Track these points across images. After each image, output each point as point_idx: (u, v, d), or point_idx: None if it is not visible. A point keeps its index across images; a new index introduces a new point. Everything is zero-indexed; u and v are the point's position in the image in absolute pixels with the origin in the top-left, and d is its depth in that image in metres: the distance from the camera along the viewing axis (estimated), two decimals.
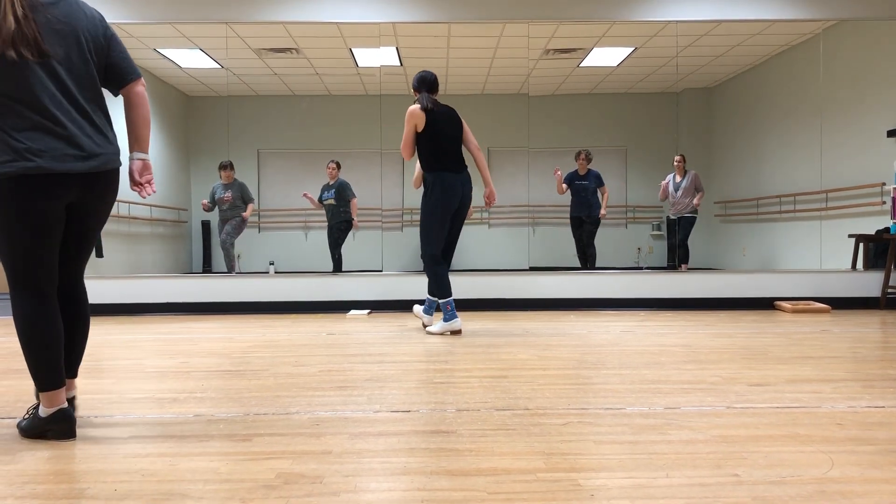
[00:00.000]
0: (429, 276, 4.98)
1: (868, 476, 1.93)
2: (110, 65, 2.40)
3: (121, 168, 2.42)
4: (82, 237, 2.41)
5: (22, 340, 2.30)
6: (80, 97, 2.28)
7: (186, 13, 6.86)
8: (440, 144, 4.88)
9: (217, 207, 8.34)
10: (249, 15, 6.86)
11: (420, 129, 4.88)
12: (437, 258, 4.93)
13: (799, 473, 1.95)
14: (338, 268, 8.43)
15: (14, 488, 1.89)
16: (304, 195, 8.68)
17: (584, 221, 8.40)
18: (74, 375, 2.48)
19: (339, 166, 8.55)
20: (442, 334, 4.89)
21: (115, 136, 2.40)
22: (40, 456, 2.18)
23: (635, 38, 8.25)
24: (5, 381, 3.43)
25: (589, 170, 8.39)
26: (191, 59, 8.72)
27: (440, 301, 4.92)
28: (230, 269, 8.31)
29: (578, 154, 8.42)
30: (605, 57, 8.95)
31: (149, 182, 2.48)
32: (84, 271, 2.50)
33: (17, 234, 2.22)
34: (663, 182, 8.42)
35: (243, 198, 8.32)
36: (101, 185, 2.33)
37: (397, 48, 8.35)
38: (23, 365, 3.80)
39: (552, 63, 9.02)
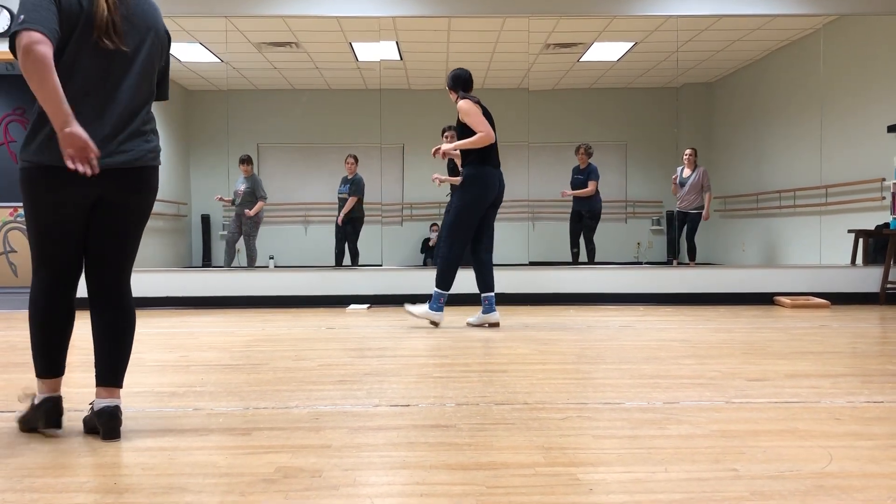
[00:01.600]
0: (444, 261, 4.94)
1: (866, 471, 1.94)
2: (160, 73, 2.39)
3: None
4: (117, 235, 2.33)
5: (30, 323, 2.29)
6: (135, 93, 2.25)
7: (186, 7, 6.84)
8: None
9: (234, 201, 8.47)
10: (249, 9, 6.84)
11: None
12: (459, 248, 4.93)
13: (797, 468, 1.95)
14: (354, 260, 8.45)
15: (13, 482, 1.90)
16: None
17: (584, 216, 8.39)
18: (118, 384, 2.31)
19: (357, 160, 8.58)
20: (418, 317, 4.97)
21: (156, 132, 2.36)
22: (39, 449, 2.18)
23: (635, 33, 8.24)
24: (5, 374, 3.43)
25: (589, 164, 8.38)
26: (190, 54, 8.70)
27: (435, 290, 4.94)
28: (251, 264, 8.40)
29: (578, 148, 8.42)
30: (606, 52, 8.94)
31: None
32: (128, 278, 2.40)
33: (41, 219, 2.23)
34: (673, 176, 8.38)
35: (255, 193, 8.39)
36: (131, 180, 2.27)
37: (397, 42, 8.34)
38: (23, 359, 3.80)
39: (552, 58, 9.01)
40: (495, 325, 5.02)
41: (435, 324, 4.98)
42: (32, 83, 2.02)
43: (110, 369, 2.31)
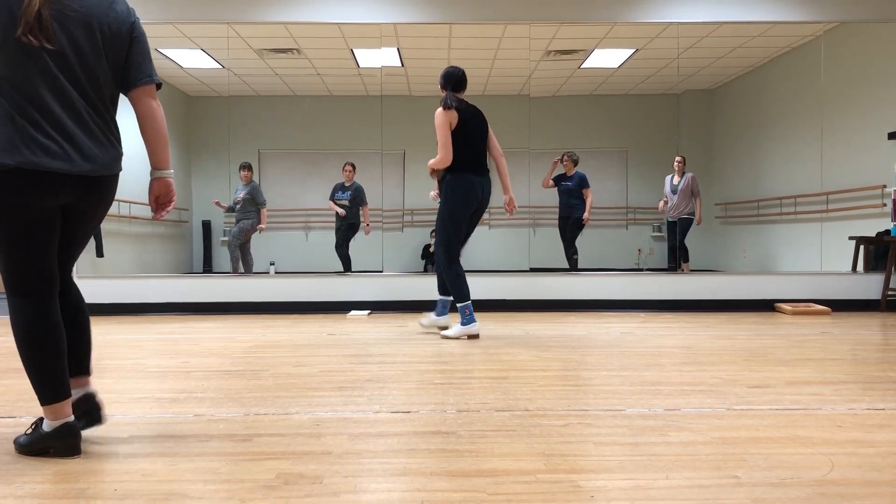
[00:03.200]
0: (447, 279, 4.82)
1: (868, 478, 1.93)
2: (126, 62, 2.23)
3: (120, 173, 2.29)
4: (73, 240, 2.26)
5: (21, 350, 2.13)
6: (84, 93, 2.12)
7: (188, 13, 6.86)
8: (467, 145, 4.74)
9: (233, 207, 8.49)
10: (251, 15, 6.86)
11: (453, 127, 4.70)
12: (456, 260, 4.83)
13: (799, 475, 1.95)
14: (346, 265, 8.49)
15: (14, 487, 1.89)
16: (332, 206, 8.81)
17: (569, 222, 8.44)
18: (88, 372, 2.32)
19: (354, 168, 8.63)
20: (458, 338, 4.75)
21: (118, 138, 2.24)
22: (39, 456, 2.17)
23: (636, 40, 8.25)
24: (5, 380, 3.43)
25: (575, 171, 8.43)
26: (192, 60, 8.72)
27: (458, 304, 4.78)
28: (234, 270, 8.40)
29: (563, 156, 8.47)
30: (606, 58, 8.95)
31: (168, 203, 2.34)
32: (72, 270, 2.35)
33: (10, 234, 2.07)
34: (663, 200, 8.50)
35: (255, 200, 8.42)
36: (96, 190, 2.17)
37: (398, 49, 8.35)
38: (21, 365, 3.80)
39: (553, 64, 9.02)
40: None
41: (475, 336, 4.79)
42: None
43: (81, 359, 2.30)
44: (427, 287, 6.78)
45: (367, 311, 6.54)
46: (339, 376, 3.44)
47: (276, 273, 9.09)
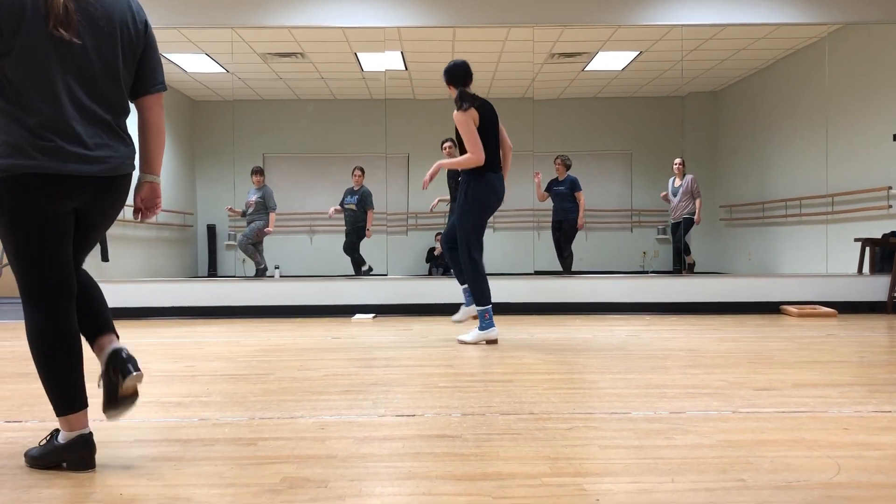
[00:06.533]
0: (469, 282, 4.71)
1: (875, 481, 1.92)
2: (141, 66, 2.17)
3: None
4: (84, 241, 2.19)
5: (36, 360, 2.05)
6: (102, 91, 2.06)
7: (192, 18, 6.88)
8: (485, 144, 4.60)
9: (244, 211, 8.59)
10: (255, 20, 6.88)
11: (476, 126, 4.59)
12: (479, 263, 4.69)
13: (805, 478, 1.94)
14: (358, 269, 8.55)
15: (19, 492, 1.90)
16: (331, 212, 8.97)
17: (563, 225, 8.45)
18: (113, 330, 2.18)
19: (363, 172, 8.68)
20: (476, 343, 4.66)
21: (131, 137, 2.17)
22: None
23: (640, 42, 8.25)
24: (11, 384, 3.44)
25: (567, 175, 8.44)
26: (196, 64, 8.75)
27: (478, 308, 4.67)
28: (256, 263, 8.51)
29: (555, 159, 8.49)
30: (610, 61, 8.95)
31: (153, 207, 2.29)
32: (82, 263, 2.25)
33: (24, 238, 2.00)
34: (662, 194, 8.55)
35: (265, 204, 8.47)
36: (111, 190, 2.10)
37: (402, 52, 8.36)
38: (28, 369, 3.81)
39: (557, 67, 9.02)
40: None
41: (493, 341, 4.70)
42: None
43: (102, 321, 2.17)
44: (432, 290, 6.78)
45: (371, 315, 6.54)
46: (344, 380, 3.44)
47: (280, 277, 9.12)
